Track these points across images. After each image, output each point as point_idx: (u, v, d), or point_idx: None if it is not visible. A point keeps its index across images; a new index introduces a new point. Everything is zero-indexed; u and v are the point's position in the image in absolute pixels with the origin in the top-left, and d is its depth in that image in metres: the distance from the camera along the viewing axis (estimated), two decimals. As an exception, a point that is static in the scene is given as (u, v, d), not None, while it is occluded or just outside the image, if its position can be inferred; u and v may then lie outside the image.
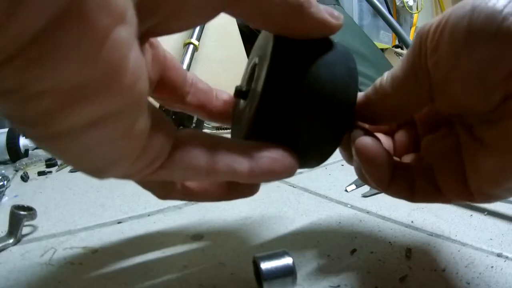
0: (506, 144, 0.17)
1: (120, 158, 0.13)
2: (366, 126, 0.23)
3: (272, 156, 0.18)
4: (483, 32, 0.15)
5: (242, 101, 0.23)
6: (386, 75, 0.20)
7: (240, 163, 0.17)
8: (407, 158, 0.24)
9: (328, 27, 0.18)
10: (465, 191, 0.19)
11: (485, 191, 0.19)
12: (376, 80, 0.21)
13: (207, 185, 0.22)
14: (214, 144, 0.17)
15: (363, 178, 0.22)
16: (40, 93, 0.10)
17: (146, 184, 0.21)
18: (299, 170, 0.57)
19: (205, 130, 0.89)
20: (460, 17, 0.16)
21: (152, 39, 0.20)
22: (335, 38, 0.20)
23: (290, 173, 0.18)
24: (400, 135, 0.25)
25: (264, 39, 0.21)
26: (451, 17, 0.16)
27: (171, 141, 0.15)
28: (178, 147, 0.16)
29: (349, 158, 0.24)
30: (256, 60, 0.21)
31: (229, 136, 0.24)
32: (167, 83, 0.23)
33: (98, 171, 0.14)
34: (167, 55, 0.22)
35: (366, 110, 0.21)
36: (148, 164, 0.15)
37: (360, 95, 0.22)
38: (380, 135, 0.25)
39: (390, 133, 0.26)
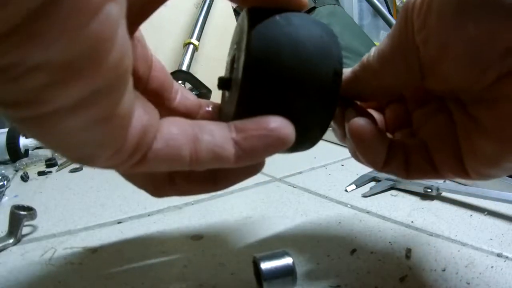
0: (503, 128, 0.16)
1: (105, 142, 0.13)
2: (358, 103, 0.22)
3: (258, 133, 0.16)
4: (476, 5, 0.14)
5: (227, 95, 0.21)
6: (373, 51, 0.19)
7: (224, 149, 0.16)
8: (399, 135, 0.24)
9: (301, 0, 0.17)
10: (461, 169, 0.19)
11: (481, 171, 0.18)
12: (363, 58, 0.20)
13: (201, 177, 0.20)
14: (196, 131, 0.16)
15: (357, 158, 0.21)
16: (33, 68, 0.10)
17: (139, 182, 0.21)
18: (299, 170, 0.56)
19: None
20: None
21: (139, 37, 0.20)
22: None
23: (284, 145, 0.16)
24: (391, 111, 0.25)
25: (239, 27, 0.20)
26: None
27: (156, 127, 0.15)
28: (160, 135, 0.15)
29: (342, 137, 0.23)
30: (235, 47, 0.20)
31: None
32: (154, 84, 0.22)
33: (83, 158, 0.14)
34: (153, 57, 0.22)
35: (354, 87, 0.20)
36: (132, 152, 0.14)
37: (347, 71, 0.21)
38: (370, 111, 0.24)
39: (379, 109, 0.25)
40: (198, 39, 1.03)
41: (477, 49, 0.15)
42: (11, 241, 0.32)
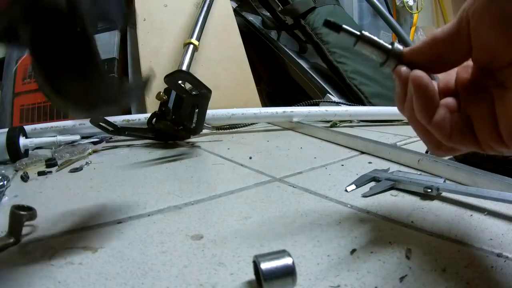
0: None
1: None
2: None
3: None
4: None
5: None
6: (440, 29, 0.25)
7: None
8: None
9: None
10: (498, 136, 0.23)
11: None
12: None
13: None
14: None
15: (411, 112, 0.26)
16: None
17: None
18: (299, 170, 0.56)
19: (205, 130, 0.89)
20: None
21: None
22: (335, 36, 0.20)
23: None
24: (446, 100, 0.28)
25: None
26: None
27: None
28: None
29: (402, 98, 0.27)
30: None
31: (228, 136, 0.23)
32: None
33: None
34: None
35: (422, 54, 0.26)
36: None
37: (416, 44, 0.26)
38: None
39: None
40: (198, 39, 1.03)
41: (507, 19, 0.20)
42: (11, 241, 0.32)
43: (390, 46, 0.27)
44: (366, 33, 0.28)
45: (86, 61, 0.25)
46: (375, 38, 0.28)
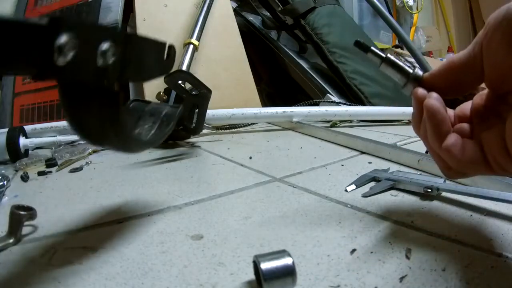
0: None
1: None
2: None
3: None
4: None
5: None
6: (457, 55, 0.27)
7: None
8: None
9: None
10: (507, 154, 0.23)
11: None
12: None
13: None
14: None
15: (424, 133, 0.27)
16: None
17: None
18: (299, 170, 0.56)
19: (205, 130, 0.89)
20: (502, 12, 0.22)
21: None
22: (335, 36, 0.20)
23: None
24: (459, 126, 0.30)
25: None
26: (494, 15, 0.23)
27: None
28: None
29: (418, 120, 0.29)
30: None
31: (228, 136, 0.24)
32: None
33: None
34: None
35: (440, 78, 0.27)
36: None
37: (435, 69, 0.28)
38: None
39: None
40: (198, 39, 1.03)
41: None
42: (11, 241, 0.32)
43: (411, 70, 0.29)
44: (391, 57, 0.30)
45: (109, 114, 0.27)
46: (398, 62, 0.30)
